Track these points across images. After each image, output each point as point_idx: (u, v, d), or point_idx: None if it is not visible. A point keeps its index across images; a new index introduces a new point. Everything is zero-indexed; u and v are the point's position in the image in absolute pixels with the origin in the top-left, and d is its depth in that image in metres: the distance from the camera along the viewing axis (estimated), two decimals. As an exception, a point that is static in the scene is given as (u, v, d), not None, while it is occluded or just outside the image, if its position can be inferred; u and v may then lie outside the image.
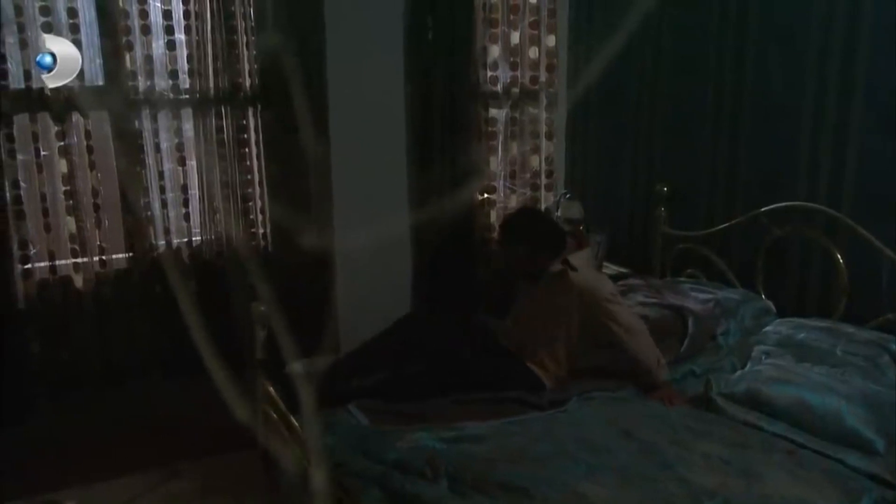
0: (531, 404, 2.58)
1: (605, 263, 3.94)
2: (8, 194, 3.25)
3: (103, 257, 3.48)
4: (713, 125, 3.49)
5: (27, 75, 3.23)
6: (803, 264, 3.16)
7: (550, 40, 4.14)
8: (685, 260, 3.62)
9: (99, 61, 3.36)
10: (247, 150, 3.63)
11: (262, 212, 3.70)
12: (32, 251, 3.36)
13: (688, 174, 3.63)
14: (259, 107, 3.59)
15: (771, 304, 3.21)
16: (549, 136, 4.25)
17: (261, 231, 3.72)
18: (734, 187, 3.44)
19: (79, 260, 3.44)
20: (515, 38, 4.04)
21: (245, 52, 3.53)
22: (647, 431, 2.33)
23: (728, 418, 2.46)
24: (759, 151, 3.32)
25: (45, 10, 3.19)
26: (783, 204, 3.14)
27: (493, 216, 4.18)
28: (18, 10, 3.16)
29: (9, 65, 3.19)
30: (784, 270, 3.22)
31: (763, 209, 3.21)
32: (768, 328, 2.95)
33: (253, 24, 3.50)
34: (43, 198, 3.33)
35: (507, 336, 2.96)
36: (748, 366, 2.74)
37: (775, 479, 2.08)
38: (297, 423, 2.47)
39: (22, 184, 3.29)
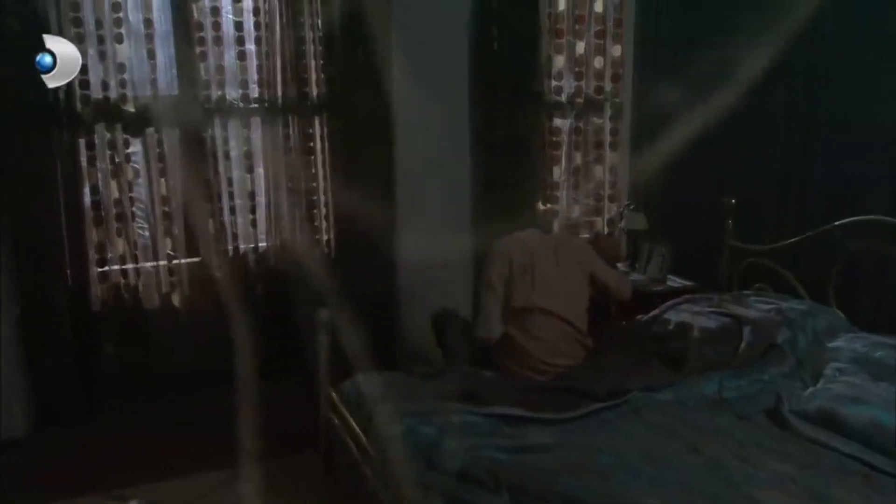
0: (589, 395, 2.56)
1: (669, 276, 3.87)
2: (87, 200, 3.37)
3: (173, 262, 3.58)
4: (784, 135, 3.40)
5: (104, 86, 3.35)
6: (879, 280, 3.05)
7: (616, 50, 4.10)
8: (753, 274, 3.53)
9: (173, 71, 3.48)
10: (313, 157, 3.69)
11: (327, 219, 3.75)
12: (109, 256, 3.48)
13: (757, 185, 3.55)
14: (325, 115, 3.65)
15: (842, 315, 3.10)
16: (614, 147, 4.21)
17: (325, 238, 3.77)
18: (806, 199, 3.35)
19: (149, 264, 3.55)
20: (580, 47, 4.02)
21: (313, 62, 3.60)
22: (714, 446, 2.27)
23: (799, 436, 2.37)
24: (833, 162, 3.22)
25: (118, 22, 3.31)
26: (858, 217, 3.04)
27: (556, 226, 4.15)
28: (98, 24, 3.29)
29: (89, 76, 3.32)
30: (858, 286, 3.12)
31: (837, 223, 3.11)
32: (841, 343, 2.85)
33: (321, 34, 3.57)
34: (116, 204, 3.45)
35: None
36: (821, 383, 2.65)
37: (848, 503, 2.00)
38: (359, 430, 2.49)
39: (100, 190, 3.41)
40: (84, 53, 3.28)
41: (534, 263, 2.89)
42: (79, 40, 3.27)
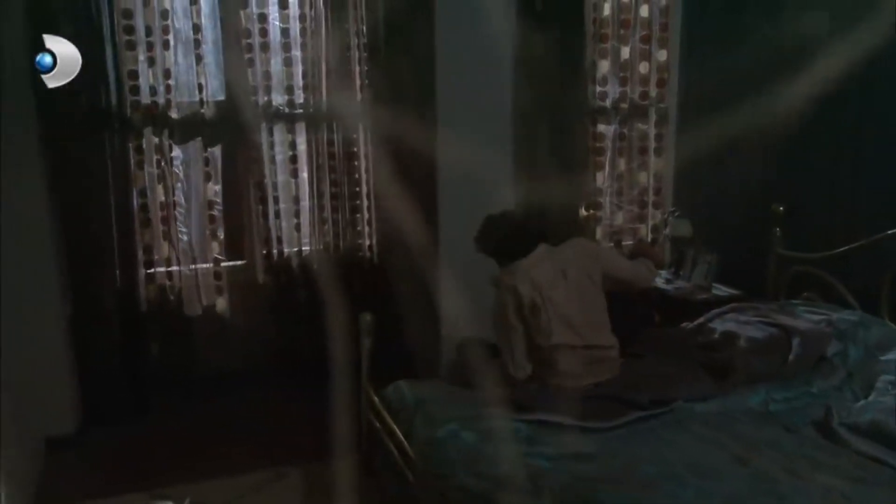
0: (632, 403, 2.52)
1: (715, 284, 3.81)
2: (135, 203, 3.44)
3: (219, 266, 3.64)
4: (834, 140, 3.32)
5: (153, 91, 3.41)
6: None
7: (662, 55, 4.06)
8: (801, 283, 3.45)
9: (221, 77, 3.54)
10: (356, 163, 3.72)
11: (370, 223, 3.77)
12: (155, 258, 3.55)
13: (805, 192, 3.48)
14: (370, 121, 3.67)
15: (895, 327, 3.02)
16: (658, 153, 4.17)
17: (367, 243, 3.80)
18: (856, 207, 3.27)
19: (195, 267, 3.61)
20: (626, 52, 3.99)
21: (357, 67, 3.62)
22: (761, 458, 2.22)
23: (849, 450, 2.31)
24: (885, 168, 3.15)
25: (167, 29, 3.39)
26: (912, 227, 2.97)
27: (599, 232, 4.13)
28: (148, 30, 3.36)
29: (139, 81, 3.39)
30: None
31: (889, 231, 3.03)
32: (894, 356, 2.78)
33: (365, 41, 3.59)
34: (162, 207, 3.51)
35: None
36: (872, 396, 2.59)
37: (901, 518, 1.95)
38: (400, 434, 2.50)
39: (148, 193, 3.48)
40: (134, 60, 3.36)
41: (543, 298, 2.75)
42: (130, 47, 3.35)
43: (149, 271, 3.55)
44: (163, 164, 3.49)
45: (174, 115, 3.46)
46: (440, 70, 3.54)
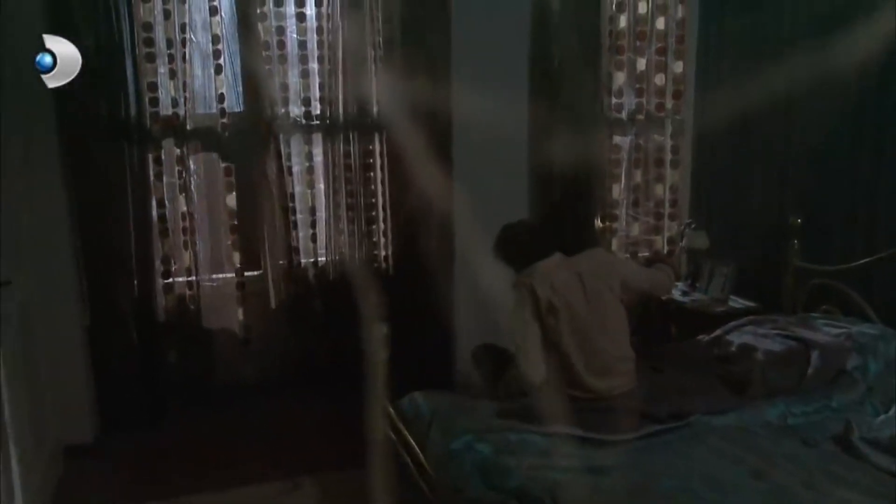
0: (649, 416, 2.51)
1: (731, 297, 3.79)
2: (154, 213, 3.47)
3: (242, 276, 3.66)
4: (853, 150, 3.30)
5: (174, 103, 3.45)
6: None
7: (678, 67, 4.06)
8: (820, 296, 3.42)
9: (239, 89, 3.57)
10: (372, 174, 3.73)
11: (385, 235, 3.78)
12: (173, 268, 3.57)
13: (824, 203, 3.45)
14: (385, 132, 3.68)
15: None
16: (675, 165, 4.16)
17: (383, 253, 3.80)
18: (875, 219, 3.24)
19: (213, 276, 3.63)
20: (642, 64, 3.99)
21: (374, 79, 3.64)
22: (780, 472, 2.20)
23: (869, 465, 2.29)
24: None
25: (186, 42, 3.43)
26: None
27: (615, 244, 4.12)
28: (169, 43, 3.40)
29: (159, 93, 3.42)
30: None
31: (911, 243, 3.01)
32: (916, 371, 2.75)
33: (382, 52, 3.61)
34: (182, 217, 3.54)
35: None
36: (892, 410, 2.56)
37: (922, 534, 1.93)
38: (416, 446, 2.49)
39: (166, 204, 3.51)
40: (154, 72, 3.40)
41: (560, 303, 2.72)
42: (149, 60, 3.39)
43: (166, 281, 3.58)
44: (183, 174, 3.52)
45: (193, 126, 3.49)
46: (456, 79, 3.55)
